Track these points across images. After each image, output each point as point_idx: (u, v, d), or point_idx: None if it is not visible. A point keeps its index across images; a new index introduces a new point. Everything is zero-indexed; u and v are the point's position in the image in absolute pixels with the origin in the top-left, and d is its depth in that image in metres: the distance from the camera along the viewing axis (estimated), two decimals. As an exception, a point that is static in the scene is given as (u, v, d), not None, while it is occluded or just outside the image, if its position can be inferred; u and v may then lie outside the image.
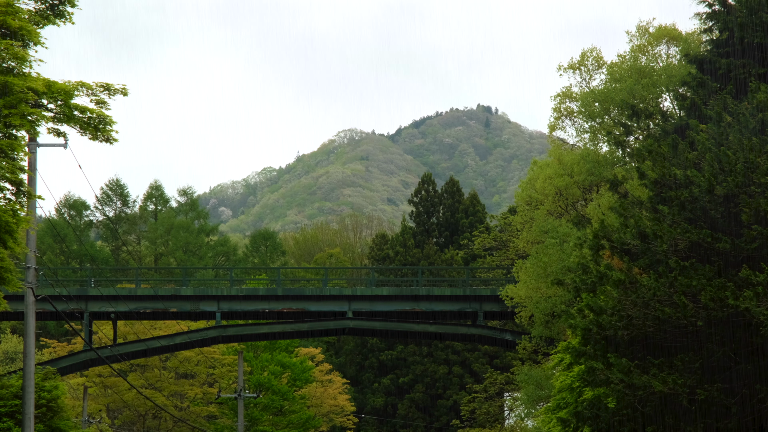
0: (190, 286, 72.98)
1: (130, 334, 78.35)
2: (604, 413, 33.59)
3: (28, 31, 30.89)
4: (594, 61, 59.00)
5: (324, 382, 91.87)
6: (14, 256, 37.08)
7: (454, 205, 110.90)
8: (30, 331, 37.88)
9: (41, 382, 45.18)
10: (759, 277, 29.10)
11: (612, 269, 32.98)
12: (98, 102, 32.98)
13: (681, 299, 29.93)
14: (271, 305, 69.11)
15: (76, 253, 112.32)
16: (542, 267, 56.65)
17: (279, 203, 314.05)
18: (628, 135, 55.04)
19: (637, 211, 33.92)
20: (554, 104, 59.16)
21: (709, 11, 47.89)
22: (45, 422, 44.79)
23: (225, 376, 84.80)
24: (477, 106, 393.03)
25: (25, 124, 31.04)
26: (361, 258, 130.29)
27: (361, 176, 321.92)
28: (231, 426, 78.70)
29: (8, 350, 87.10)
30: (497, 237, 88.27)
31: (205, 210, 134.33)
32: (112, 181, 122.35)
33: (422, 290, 68.96)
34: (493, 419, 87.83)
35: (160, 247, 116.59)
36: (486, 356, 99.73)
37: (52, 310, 61.28)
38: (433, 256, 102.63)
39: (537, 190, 61.15)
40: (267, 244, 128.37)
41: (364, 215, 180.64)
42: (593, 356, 33.01)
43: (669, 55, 56.53)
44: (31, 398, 37.71)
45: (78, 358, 68.58)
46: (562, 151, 60.44)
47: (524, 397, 64.32)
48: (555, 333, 59.18)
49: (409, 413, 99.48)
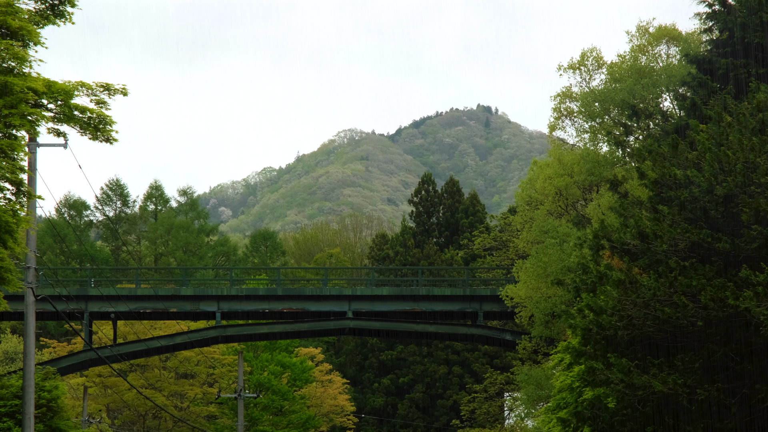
0: (190, 286, 72.97)
1: (130, 334, 78.33)
2: (604, 413, 33.59)
3: (28, 31, 30.88)
4: (594, 61, 59.01)
5: (324, 382, 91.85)
6: (14, 256, 37.09)
7: (454, 205, 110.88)
8: (30, 331, 37.87)
9: (41, 382, 45.15)
10: (759, 277, 29.10)
11: (612, 269, 32.98)
12: (98, 102, 32.97)
13: (681, 299, 29.93)
14: (271, 305, 69.10)
15: (76, 253, 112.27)
16: (542, 267, 56.65)
17: (279, 203, 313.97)
18: (628, 135, 55.06)
19: (637, 211, 33.91)
20: (554, 104, 59.24)
21: (709, 11, 47.93)
22: (45, 422, 44.76)
23: (225, 376, 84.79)
24: (477, 106, 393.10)
25: (25, 124, 31.02)
26: (361, 258, 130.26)
27: (361, 176, 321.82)
28: (231, 426, 78.69)
29: (8, 350, 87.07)
30: (497, 237, 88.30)
31: (205, 210, 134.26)
32: (112, 181, 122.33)
33: (422, 290, 68.93)
34: (493, 419, 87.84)
35: (160, 247, 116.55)
36: (486, 356, 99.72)
37: (52, 310, 61.27)
38: (433, 256, 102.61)
39: (537, 190, 61.16)
40: (267, 244, 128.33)
41: (364, 215, 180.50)
42: (593, 356, 33.02)
43: (669, 55, 56.57)
44: (31, 398, 37.70)
45: (78, 358, 68.57)
46: (562, 151, 60.44)
47: (524, 397, 64.33)
48: (555, 333, 59.17)
49: (409, 413, 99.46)
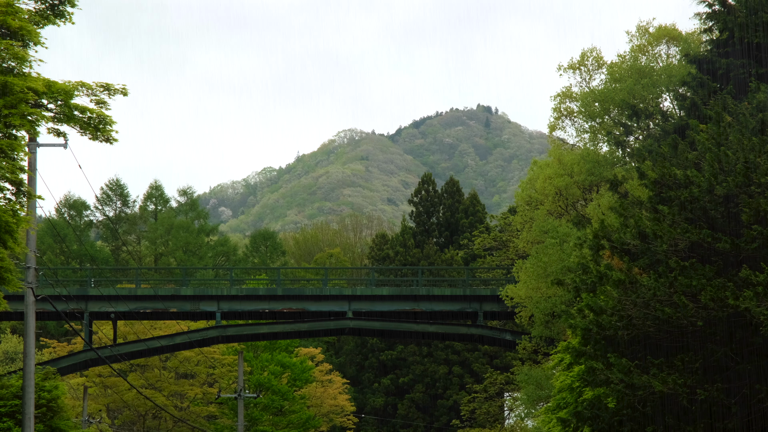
0: (190, 286, 72.96)
1: (130, 334, 78.32)
2: (604, 413, 33.57)
3: (28, 31, 30.88)
4: (594, 61, 58.99)
5: (324, 382, 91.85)
6: (14, 256, 37.10)
7: (454, 205, 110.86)
8: (30, 331, 37.87)
9: (41, 382, 45.13)
10: (759, 277, 29.09)
11: (612, 269, 32.97)
12: (98, 102, 32.99)
13: (681, 299, 29.92)
14: (271, 305, 69.09)
15: (76, 253, 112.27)
16: (542, 267, 56.64)
17: (279, 203, 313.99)
18: (628, 135, 55.06)
19: (637, 211, 33.91)
20: (554, 104, 59.20)
21: (709, 11, 47.95)
22: (45, 422, 44.75)
23: (225, 376, 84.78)
24: (477, 106, 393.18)
25: (25, 124, 31.03)
26: (361, 258, 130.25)
27: (361, 176, 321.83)
28: (231, 426, 78.68)
29: (8, 350, 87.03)
30: (497, 237, 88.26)
31: (205, 210, 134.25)
32: (112, 181, 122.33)
33: (422, 290, 68.92)
34: (493, 419, 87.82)
35: (160, 247, 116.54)
36: (486, 356, 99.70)
37: (52, 310, 61.27)
38: (433, 256, 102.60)
39: (537, 190, 61.14)
40: (267, 244, 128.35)
41: (364, 215, 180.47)
42: (593, 356, 33.00)
43: (669, 55, 56.55)
44: (31, 398, 37.70)
45: (78, 358, 68.56)
46: (562, 151, 60.43)
47: (524, 397, 64.29)
48: (555, 333, 59.15)
49: (409, 413, 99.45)
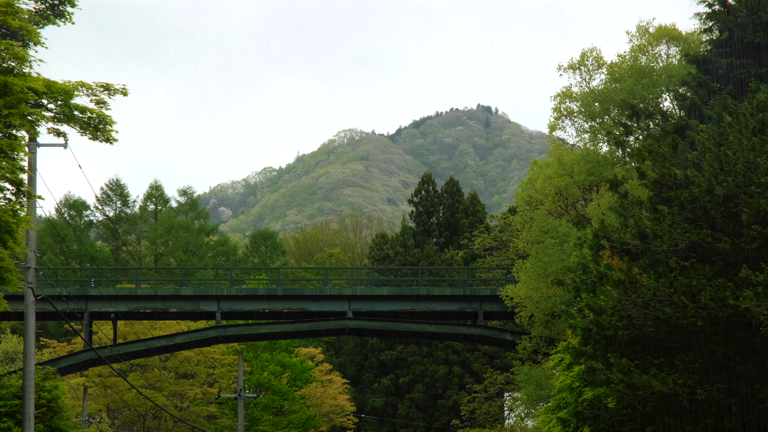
0: (190, 286, 72.94)
1: (130, 334, 78.32)
2: (604, 413, 33.57)
3: (28, 31, 30.92)
4: (594, 61, 58.97)
5: (324, 382, 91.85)
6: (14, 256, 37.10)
7: (454, 205, 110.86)
8: (30, 331, 37.88)
9: (41, 382, 45.14)
10: (759, 277, 29.09)
11: (612, 269, 32.98)
12: (98, 102, 33.04)
13: (681, 299, 29.93)
14: (271, 305, 69.09)
15: (76, 253, 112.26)
16: (542, 267, 56.63)
17: (279, 203, 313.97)
18: (628, 135, 55.03)
19: (637, 211, 33.91)
20: (554, 104, 59.16)
21: (709, 11, 47.95)
22: (45, 422, 44.75)
23: (225, 376, 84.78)
24: (477, 106, 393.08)
25: (25, 124, 31.06)
26: (361, 258, 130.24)
27: (361, 176, 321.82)
28: (231, 426, 78.67)
29: (8, 350, 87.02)
30: (497, 237, 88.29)
31: (205, 210, 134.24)
32: (112, 181, 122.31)
33: (422, 290, 68.92)
34: (493, 419, 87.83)
35: (160, 247, 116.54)
36: (486, 356, 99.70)
37: (52, 310, 61.25)
38: (433, 256, 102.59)
39: (537, 190, 61.12)
40: (267, 244, 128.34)
41: (364, 215, 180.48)
42: (593, 356, 33.01)
43: (669, 55, 56.52)
44: (31, 398, 37.70)
45: (78, 358, 68.56)
46: (562, 151, 60.43)
47: (524, 397, 64.30)
48: (555, 333, 59.15)
49: (409, 413, 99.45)
